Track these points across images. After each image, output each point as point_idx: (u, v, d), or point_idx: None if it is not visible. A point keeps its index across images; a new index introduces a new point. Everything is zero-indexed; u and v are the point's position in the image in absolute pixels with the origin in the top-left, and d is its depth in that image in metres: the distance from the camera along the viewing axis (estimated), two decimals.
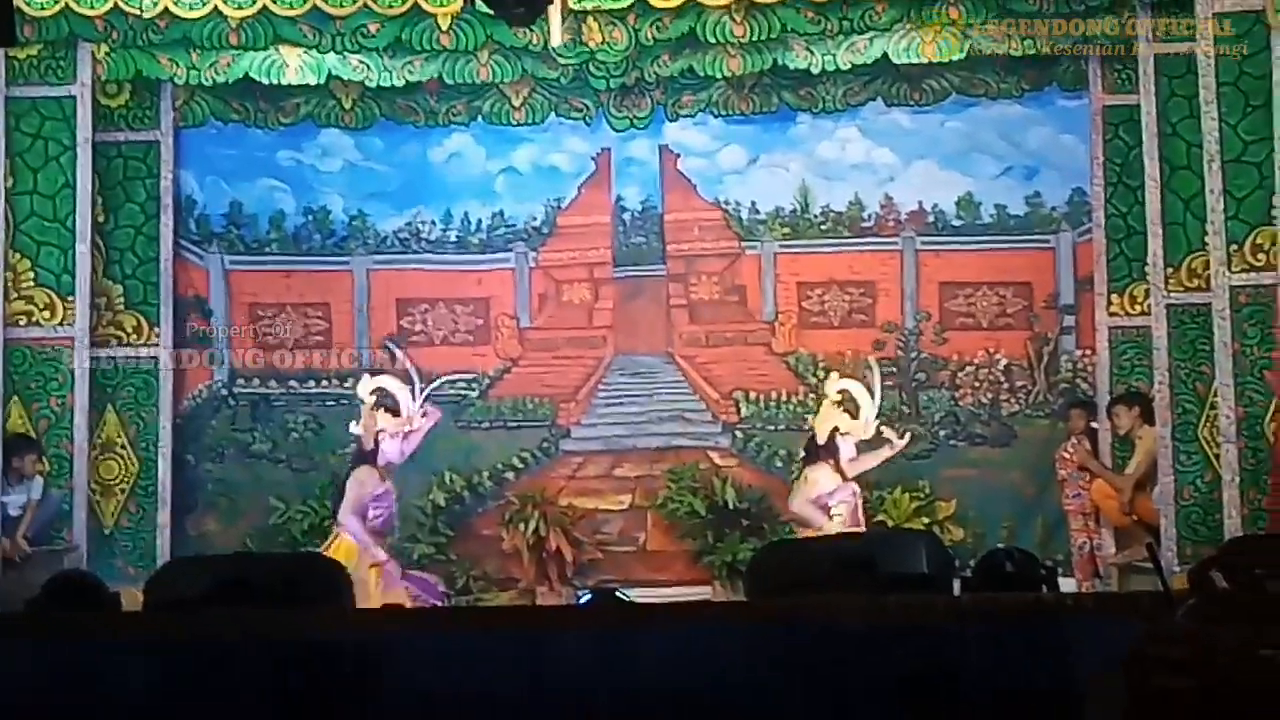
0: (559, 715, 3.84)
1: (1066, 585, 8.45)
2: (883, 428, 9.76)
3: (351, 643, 4.34)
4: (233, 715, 4.44)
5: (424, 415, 9.56)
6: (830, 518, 9.39)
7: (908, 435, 9.87)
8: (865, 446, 9.73)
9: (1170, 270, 9.01)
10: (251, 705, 4.31)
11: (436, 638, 4.61)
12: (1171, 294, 9.00)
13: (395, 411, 9.43)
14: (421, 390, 9.59)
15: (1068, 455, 9.88)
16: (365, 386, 9.51)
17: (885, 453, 9.75)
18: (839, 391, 9.68)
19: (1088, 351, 10.32)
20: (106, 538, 9.96)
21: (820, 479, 9.50)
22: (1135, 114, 9.31)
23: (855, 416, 9.64)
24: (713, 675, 4.55)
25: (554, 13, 8.50)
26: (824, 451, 9.53)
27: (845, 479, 9.54)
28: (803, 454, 9.74)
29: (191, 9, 8.97)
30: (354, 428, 9.50)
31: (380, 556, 9.10)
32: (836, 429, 9.56)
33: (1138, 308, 9.73)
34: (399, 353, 10.16)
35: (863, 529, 9.43)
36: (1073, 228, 10.52)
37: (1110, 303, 9.93)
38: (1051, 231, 10.62)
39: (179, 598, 5.26)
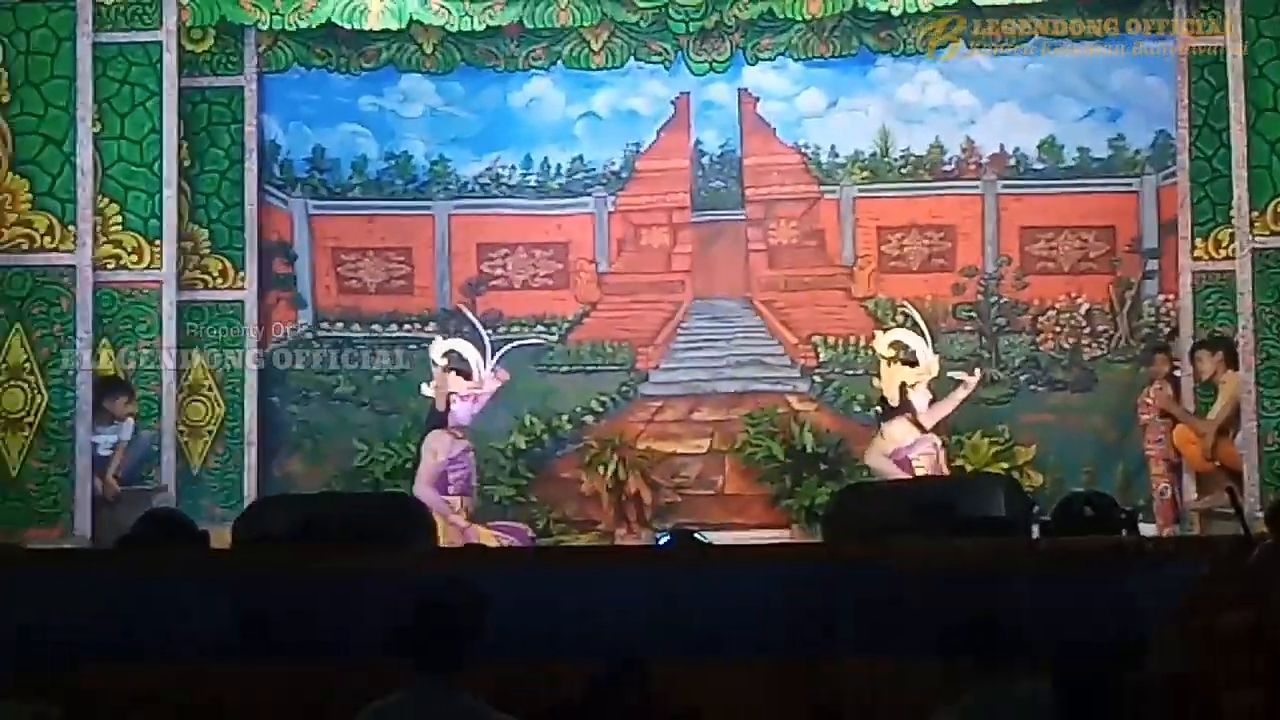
0: (638, 651, 3.90)
1: (1147, 531, 8.40)
2: (951, 371, 9.72)
3: (439, 580, 4.42)
4: (320, 650, 4.54)
5: (494, 376, 9.55)
6: (913, 471, 9.36)
7: (978, 373, 9.83)
8: (940, 390, 9.70)
9: (1255, 214, 8.89)
10: (339, 640, 4.41)
11: (523, 577, 4.70)
12: (1256, 238, 8.89)
13: (467, 375, 9.46)
14: (492, 354, 9.57)
15: (1150, 400, 9.82)
16: (437, 349, 9.55)
17: (960, 394, 9.72)
18: (891, 345, 9.66)
19: (1171, 296, 10.23)
20: (194, 478, 10.12)
21: (897, 434, 9.49)
22: (1220, 56, 9.18)
23: (915, 364, 9.59)
24: (790, 616, 4.61)
25: None
26: (899, 408, 9.52)
27: (924, 430, 9.52)
28: (878, 410, 9.71)
29: None
30: (426, 390, 9.52)
31: (460, 523, 9.11)
32: (904, 383, 9.52)
33: (1222, 252, 9.61)
34: (471, 315, 10.16)
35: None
36: (1156, 171, 10.41)
37: (1194, 247, 9.82)
38: (1135, 175, 10.52)
39: (267, 535, 5.39)
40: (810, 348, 10.71)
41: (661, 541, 7.67)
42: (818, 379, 10.69)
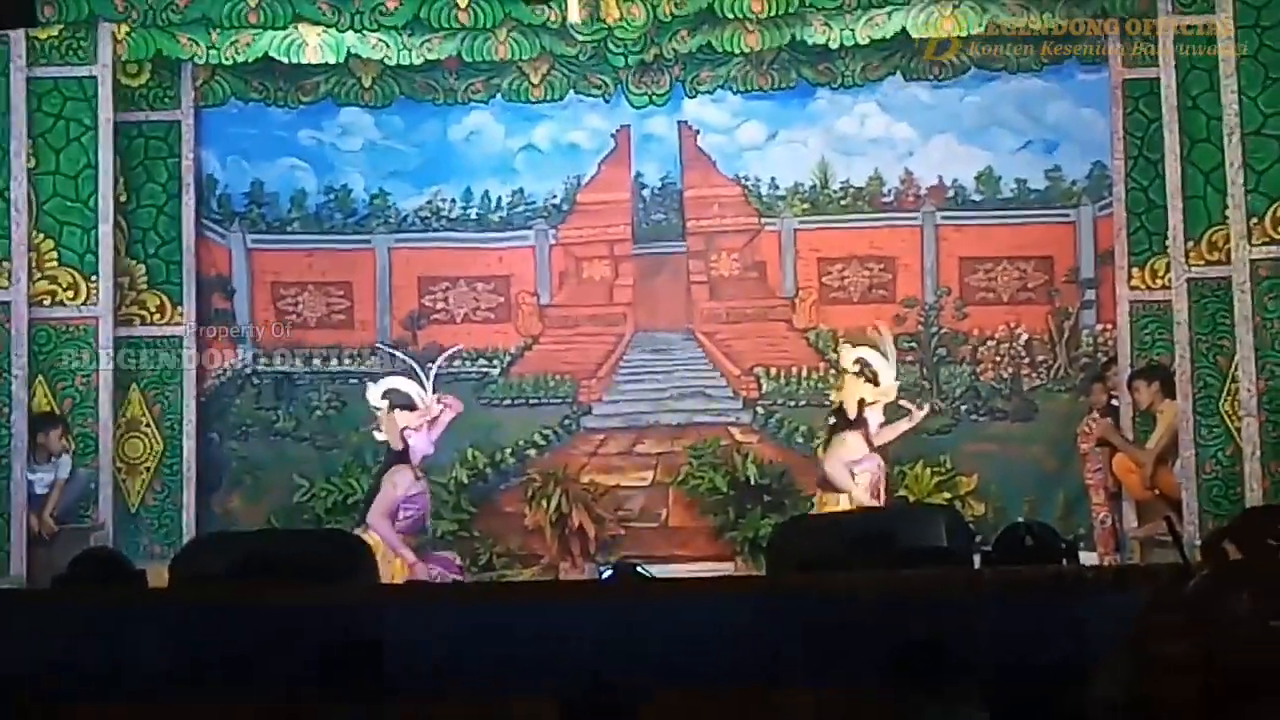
0: (579, 687, 3.87)
1: (1088, 559, 8.44)
2: (902, 400, 9.74)
3: (375, 616, 4.39)
4: (254, 686, 4.49)
5: (443, 406, 9.46)
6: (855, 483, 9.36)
7: (926, 407, 9.87)
8: (890, 414, 9.72)
9: (1190, 244, 8.97)
10: (274, 676, 4.36)
11: (458, 612, 4.66)
12: (1192, 268, 8.97)
13: (411, 407, 9.39)
14: (429, 376, 9.49)
15: (1089, 429, 9.88)
16: (374, 393, 9.41)
17: (904, 425, 9.75)
18: (855, 361, 9.63)
19: (1109, 325, 10.30)
20: (132, 516, 10.02)
21: (852, 443, 9.42)
22: (1155, 87, 9.27)
23: (876, 384, 9.59)
24: (734, 649, 4.59)
25: None
26: (854, 422, 9.50)
27: (871, 448, 9.51)
28: (831, 421, 9.65)
29: None
30: (379, 435, 9.42)
31: (409, 558, 9.03)
32: (863, 400, 9.51)
33: (1158, 281, 9.70)
34: (400, 355, 10.09)
35: (881, 502, 9.42)
36: (1093, 201, 10.50)
37: (1131, 276, 9.91)
38: (1072, 205, 10.60)
39: (206, 573, 5.33)
40: (752, 379, 10.73)
41: (604, 575, 7.64)
42: (760, 410, 10.70)
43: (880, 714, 4.37)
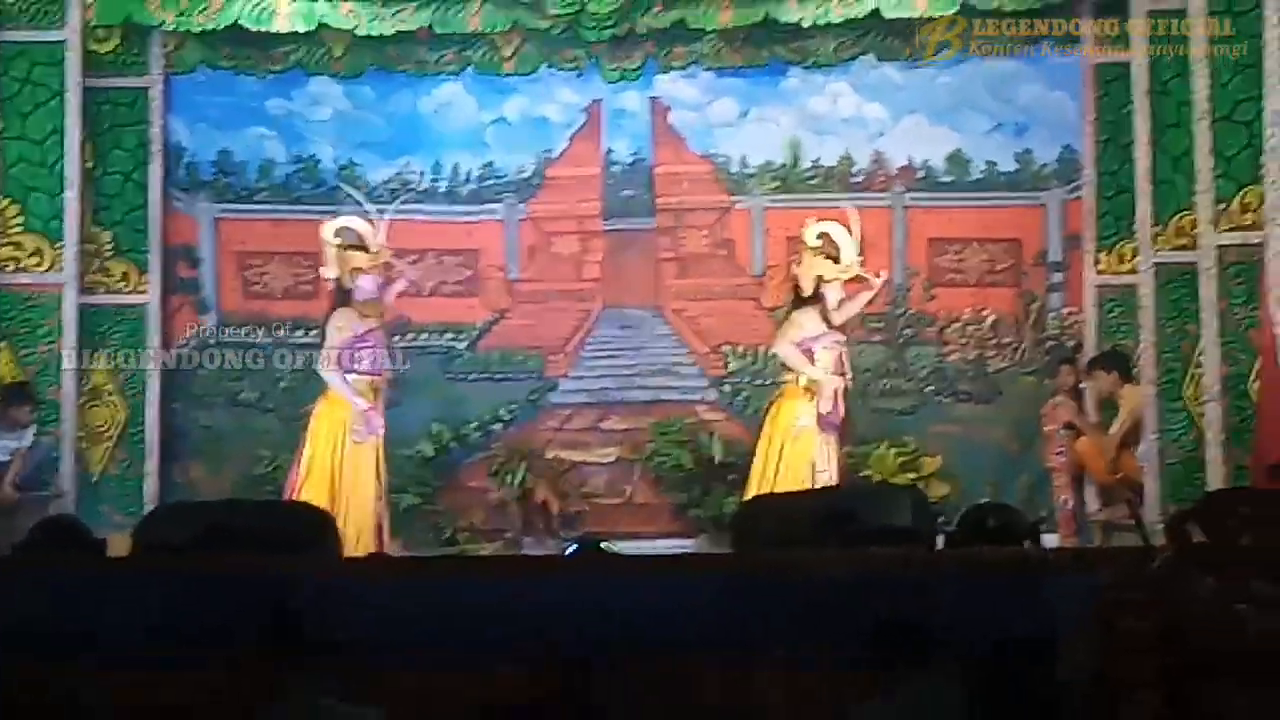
0: (543, 665, 3.88)
1: (1050, 541, 8.48)
2: (861, 271, 9.60)
3: (338, 588, 4.38)
4: (214, 655, 4.47)
5: (399, 271, 9.49)
6: (813, 363, 9.23)
7: (883, 275, 9.71)
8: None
9: (1158, 229, 9.01)
10: (233, 646, 4.34)
11: (423, 585, 4.66)
12: (1159, 252, 9.01)
13: (363, 248, 9.37)
14: (384, 208, 9.49)
15: (1053, 412, 9.91)
16: (329, 229, 9.41)
17: (865, 295, 9.57)
18: (819, 236, 9.43)
19: (1075, 309, 10.34)
20: (94, 484, 9.97)
21: (805, 322, 9.27)
22: (1126, 71, 9.30)
23: (837, 261, 9.49)
24: (696, 626, 4.60)
25: None
26: (811, 298, 9.35)
27: (830, 326, 9.41)
28: (790, 300, 9.53)
29: None
30: (324, 272, 9.39)
31: (361, 405, 9.01)
32: (820, 277, 9.39)
33: (1126, 266, 9.74)
34: (354, 194, 10.04)
35: (846, 377, 9.28)
36: (1063, 185, 10.53)
37: (1098, 261, 9.95)
38: (1041, 188, 10.62)
39: (167, 543, 5.30)
40: (720, 357, 10.73)
41: (569, 551, 7.63)
42: (727, 388, 10.70)
43: (844, 691, 4.38)
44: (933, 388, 10.60)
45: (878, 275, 9.58)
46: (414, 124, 10.82)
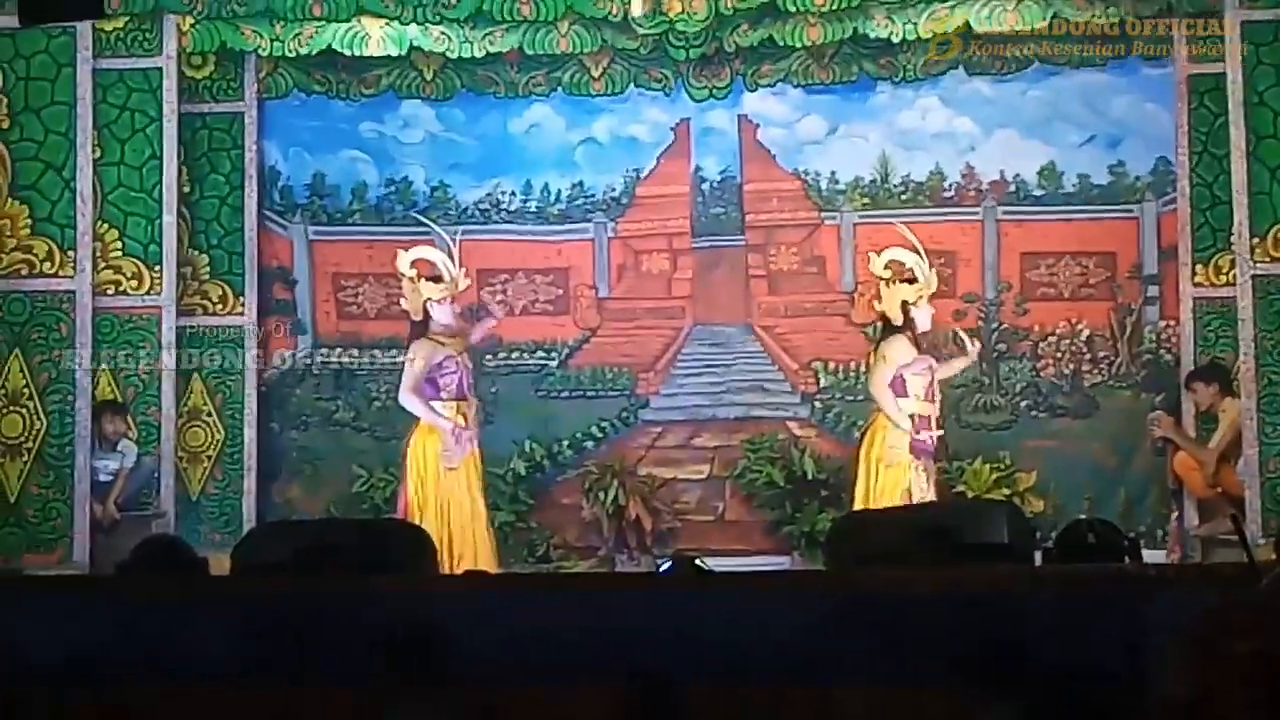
0: (638, 680, 3.88)
1: (1150, 557, 8.37)
2: (961, 334, 9.54)
3: (434, 606, 4.41)
4: (315, 674, 4.52)
5: (486, 312, 9.62)
6: (907, 394, 9.10)
7: (978, 344, 9.69)
8: (942, 356, 9.56)
9: (1255, 240, 8.89)
10: (334, 665, 4.39)
11: (518, 602, 4.68)
12: (1257, 264, 8.88)
13: (438, 279, 9.44)
14: (455, 240, 9.56)
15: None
16: (404, 261, 9.49)
17: (960, 363, 9.55)
18: (887, 266, 9.34)
19: (1171, 322, 10.22)
20: (193, 504, 10.11)
21: (896, 353, 9.13)
22: (1220, 82, 9.18)
23: (914, 281, 9.37)
24: (793, 644, 4.58)
25: None
26: (901, 326, 9.20)
27: (920, 350, 9.26)
28: (878, 332, 9.40)
29: None
30: (403, 304, 9.45)
31: (446, 428, 9.10)
32: (905, 302, 9.26)
33: (1223, 278, 9.61)
34: (432, 225, 10.13)
35: (935, 405, 9.20)
36: (1157, 197, 10.40)
37: (1195, 273, 9.82)
38: (1135, 201, 10.50)
39: (266, 562, 5.37)
40: (810, 374, 10.70)
41: (663, 568, 7.63)
42: (818, 405, 10.67)
43: (939, 713, 4.35)
44: (1027, 403, 10.50)
45: (973, 343, 9.56)
46: (504, 145, 10.89)
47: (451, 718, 3.97)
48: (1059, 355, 10.52)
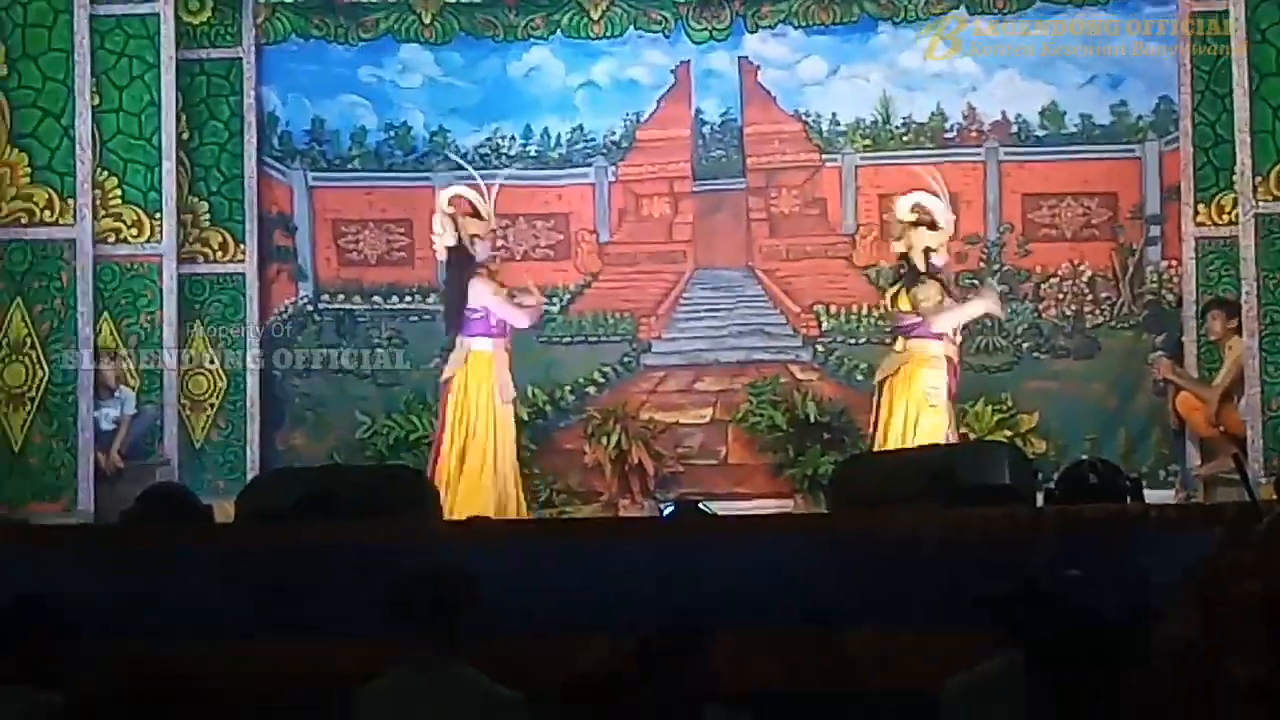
0: (647, 626, 3.89)
1: (1152, 497, 8.38)
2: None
3: (441, 552, 4.42)
4: (322, 624, 4.54)
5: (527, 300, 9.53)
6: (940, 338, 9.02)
7: (997, 288, 9.64)
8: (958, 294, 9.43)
9: (1259, 179, 8.87)
10: (341, 615, 4.40)
11: (524, 548, 4.69)
12: (1260, 203, 8.87)
13: (478, 215, 9.41)
14: (491, 192, 9.44)
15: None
16: (444, 198, 9.41)
17: (981, 305, 9.37)
18: (913, 209, 9.19)
19: (1174, 262, 10.20)
20: (196, 452, 10.13)
21: (933, 293, 9.01)
22: (1223, 20, 9.15)
23: (935, 228, 9.21)
24: (798, 587, 4.60)
25: None
26: (926, 270, 9.08)
27: (950, 296, 9.15)
28: (898, 278, 9.23)
29: None
30: (445, 240, 9.29)
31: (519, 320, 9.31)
32: (929, 248, 9.12)
33: (1225, 217, 9.60)
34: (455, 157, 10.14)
35: (958, 346, 9.12)
36: (1159, 137, 10.36)
37: (1197, 212, 9.81)
38: (1137, 141, 10.46)
39: (271, 509, 5.38)
40: (812, 317, 10.68)
41: (665, 512, 7.66)
42: (820, 348, 10.67)
43: (942, 651, 4.37)
44: (1029, 344, 10.50)
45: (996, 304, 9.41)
46: (503, 89, 10.84)
47: (459, 667, 3.98)
48: (1061, 296, 10.52)
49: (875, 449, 8.88)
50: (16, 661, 3.87)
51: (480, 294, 9.19)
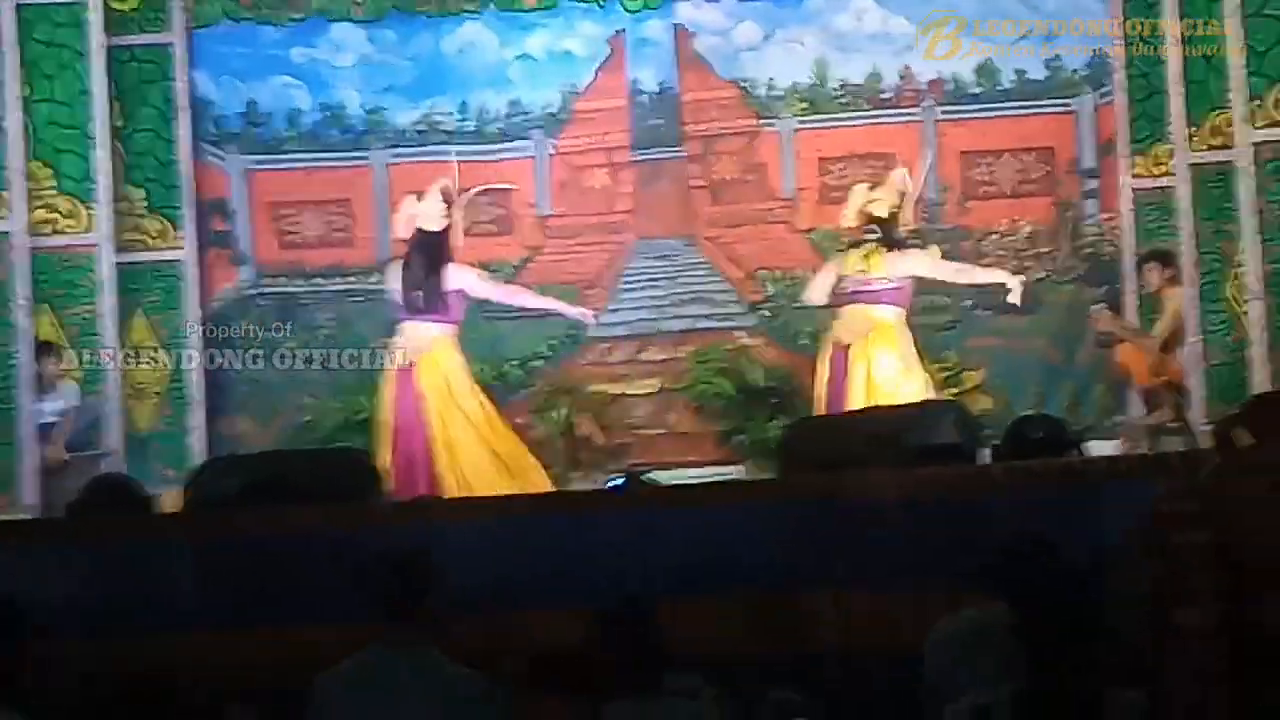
0: (602, 599, 3.90)
1: (1100, 449, 8.46)
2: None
3: (392, 532, 4.41)
4: (276, 610, 4.52)
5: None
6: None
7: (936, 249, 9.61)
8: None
9: (1193, 130, 8.94)
10: (301, 601, 4.39)
11: (476, 524, 4.68)
12: (1194, 153, 8.94)
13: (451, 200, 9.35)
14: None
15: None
16: (435, 189, 9.24)
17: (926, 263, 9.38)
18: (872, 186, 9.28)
19: (1111, 215, 10.27)
20: (142, 441, 10.05)
21: (911, 263, 9.08)
22: None
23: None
24: (751, 553, 4.62)
25: None
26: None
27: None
28: (876, 240, 9.15)
29: None
30: (426, 225, 9.15)
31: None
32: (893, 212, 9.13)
33: (1161, 169, 9.67)
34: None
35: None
36: (1094, 90, 10.42)
37: (1134, 164, 9.87)
38: (1072, 95, 10.52)
39: (220, 496, 5.35)
40: (756, 283, 10.70)
41: (612, 484, 7.66)
42: (765, 314, 10.69)
43: (896, 612, 4.40)
44: (970, 301, 10.54)
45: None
46: (438, 65, 10.78)
47: (424, 649, 3.97)
48: (1001, 253, 10.56)
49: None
50: None
51: (465, 278, 9.11)
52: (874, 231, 9.19)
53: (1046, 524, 4.32)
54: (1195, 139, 8.93)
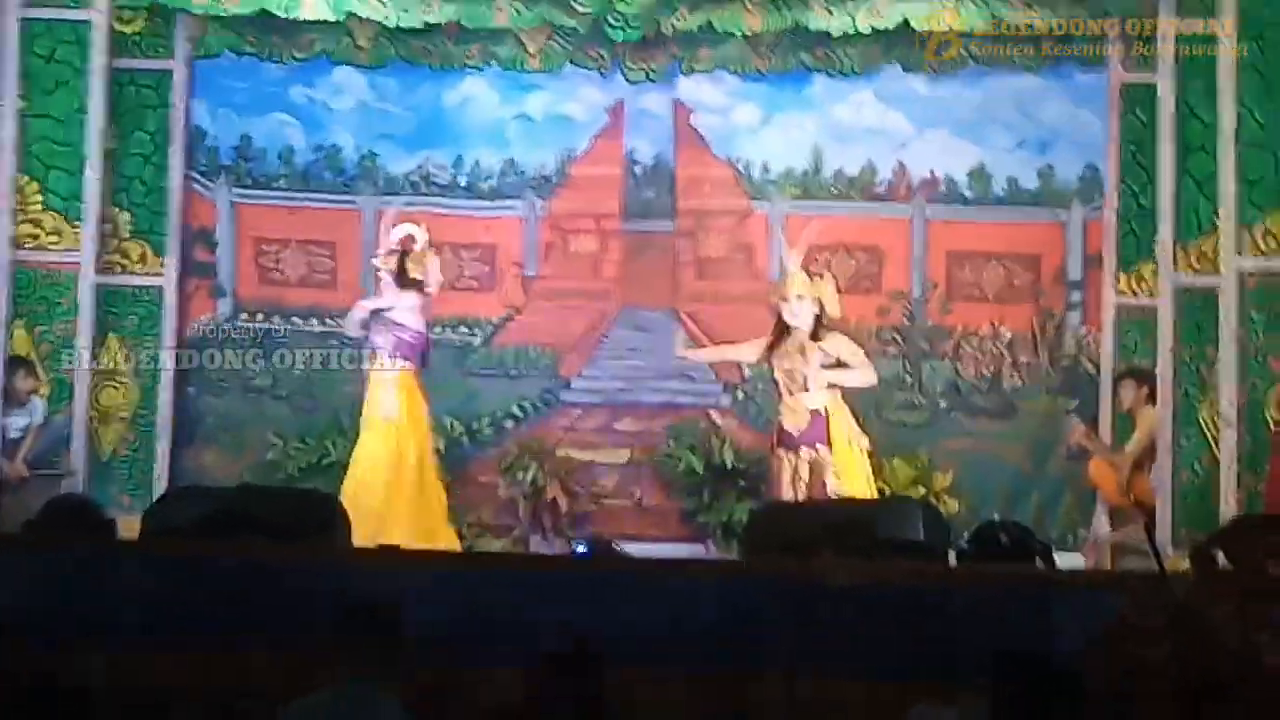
0: (554, 658, 3.86)
1: (1064, 562, 8.43)
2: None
3: (348, 577, 4.36)
4: (226, 644, 4.46)
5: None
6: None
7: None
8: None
9: (1180, 251, 8.98)
10: (241, 632, 4.33)
11: (434, 577, 4.64)
12: (1180, 275, 8.97)
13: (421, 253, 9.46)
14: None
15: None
16: (420, 232, 9.44)
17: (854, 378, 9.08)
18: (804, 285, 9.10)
19: (1093, 329, 10.31)
20: (104, 465, 9.97)
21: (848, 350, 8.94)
22: (1153, 93, 9.27)
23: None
24: (710, 631, 4.58)
25: None
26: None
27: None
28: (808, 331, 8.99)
29: None
30: (415, 274, 9.39)
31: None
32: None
33: (1145, 287, 9.71)
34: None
35: None
36: (1084, 204, 10.48)
37: (1118, 280, 9.92)
38: (1063, 206, 10.57)
39: (177, 526, 5.29)
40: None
41: (579, 550, 7.61)
42: (741, 394, 10.67)
43: (848, 702, 4.36)
44: (947, 403, 10.56)
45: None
46: (436, 117, 10.80)
47: (367, 694, 3.91)
48: (980, 356, 10.59)
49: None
50: None
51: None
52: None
53: (1006, 628, 4.29)
54: (1181, 261, 8.96)
